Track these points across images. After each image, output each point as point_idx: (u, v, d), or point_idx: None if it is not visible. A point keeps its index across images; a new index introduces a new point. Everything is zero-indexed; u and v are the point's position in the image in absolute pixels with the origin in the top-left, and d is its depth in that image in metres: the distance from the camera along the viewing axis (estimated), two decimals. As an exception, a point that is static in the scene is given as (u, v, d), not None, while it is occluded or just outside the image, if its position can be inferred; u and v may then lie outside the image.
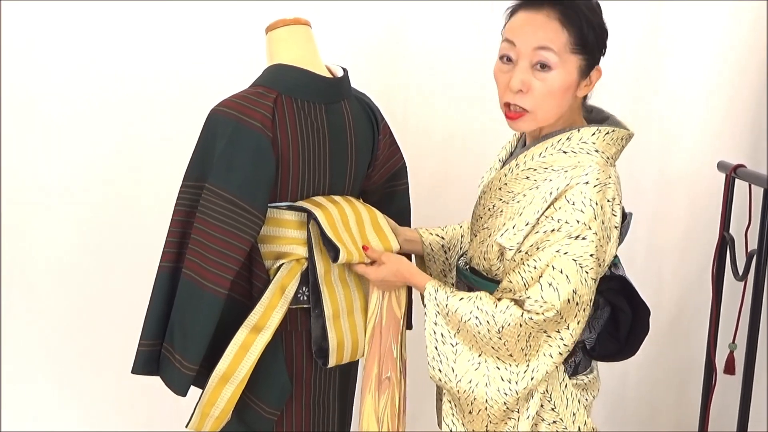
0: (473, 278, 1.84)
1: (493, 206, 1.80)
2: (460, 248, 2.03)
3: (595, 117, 1.82)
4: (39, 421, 2.54)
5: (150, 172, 2.47)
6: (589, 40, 1.67)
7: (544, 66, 1.66)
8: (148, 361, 1.81)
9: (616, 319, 1.81)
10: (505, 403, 1.70)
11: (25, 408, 2.53)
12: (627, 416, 3.03)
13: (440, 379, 1.75)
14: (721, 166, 2.59)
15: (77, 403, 2.57)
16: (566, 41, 1.66)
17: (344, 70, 1.90)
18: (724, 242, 2.55)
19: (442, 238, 2.03)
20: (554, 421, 1.76)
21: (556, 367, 1.71)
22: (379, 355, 1.88)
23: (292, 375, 1.87)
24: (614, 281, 1.79)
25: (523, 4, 1.70)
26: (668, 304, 2.96)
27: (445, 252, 2.03)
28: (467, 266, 1.89)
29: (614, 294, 1.79)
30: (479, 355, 1.70)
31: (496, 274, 1.78)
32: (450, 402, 1.78)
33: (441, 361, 1.73)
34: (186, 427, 1.83)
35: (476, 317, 1.68)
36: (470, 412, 1.74)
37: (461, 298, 1.71)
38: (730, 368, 2.59)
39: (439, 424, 1.88)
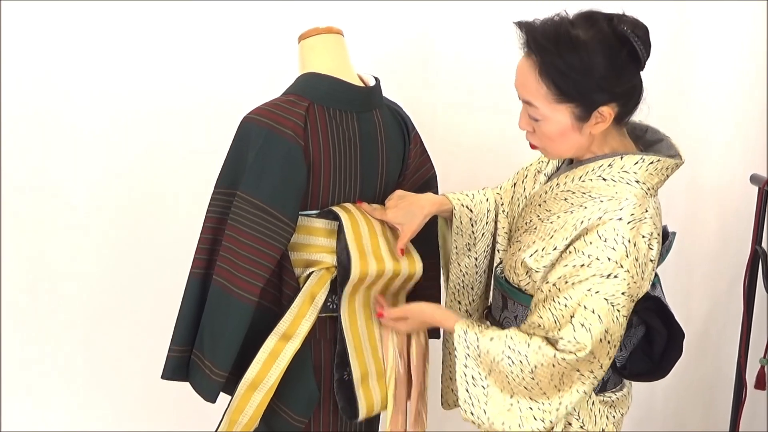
0: (507, 286, 1.83)
1: (530, 221, 1.79)
2: (486, 222, 1.99)
3: (649, 138, 1.78)
4: (39, 421, 2.54)
5: (171, 175, 2.47)
6: (570, 92, 1.60)
7: (534, 118, 1.67)
8: (178, 367, 1.82)
9: (651, 339, 1.79)
10: None
11: (25, 408, 2.53)
12: (655, 428, 3.01)
13: (473, 422, 1.73)
14: (753, 179, 2.57)
15: (84, 403, 2.58)
16: (545, 94, 1.62)
17: (376, 79, 1.90)
18: (756, 256, 2.53)
19: (471, 210, 1.98)
20: None
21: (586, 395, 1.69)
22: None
23: (320, 382, 1.87)
24: (650, 301, 1.76)
25: (521, 44, 1.66)
26: (698, 318, 2.94)
27: (473, 225, 1.99)
28: (502, 275, 1.88)
29: (649, 314, 1.77)
30: (511, 397, 1.68)
31: (525, 288, 1.77)
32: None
33: (473, 404, 1.71)
34: (214, 433, 1.84)
35: (509, 357, 1.66)
36: None
37: (491, 338, 1.69)
38: (760, 383, 2.56)
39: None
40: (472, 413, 1.71)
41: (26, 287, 2.45)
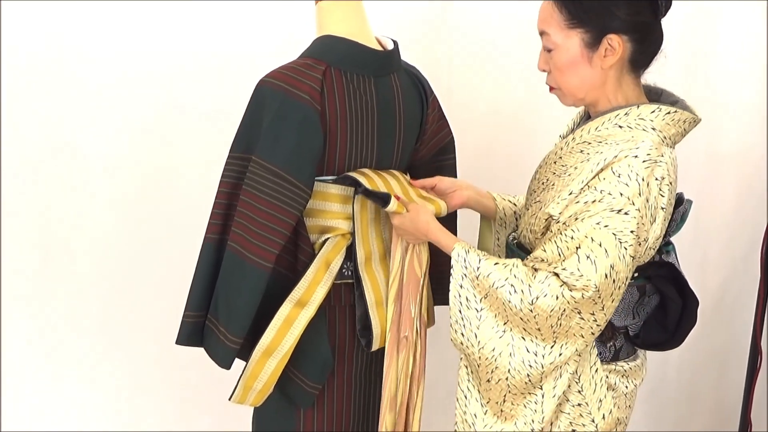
0: (519, 253, 1.81)
1: (547, 180, 1.78)
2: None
3: (664, 100, 1.78)
4: (39, 421, 2.54)
5: (187, 139, 2.45)
6: (579, 15, 1.67)
7: (547, 48, 1.72)
8: (192, 333, 1.81)
9: (665, 307, 1.78)
10: (528, 375, 1.67)
11: (25, 407, 2.52)
12: (668, 397, 3.01)
13: (462, 343, 1.72)
14: (772, 146, 2.55)
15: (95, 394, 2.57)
16: (558, 19, 1.69)
17: (394, 42, 1.87)
18: (774, 224, 2.51)
19: (515, 204, 2.01)
20: (579, 404, 1.73)
21: (587, 346, 1.68)
22: (400, 313, 1.87)
23: (334, 350, 1.86)
24: (664, 268, 1.75)
25: None
26: (713, 286, 2.93)
27: (517, 219, 2.00)
28: (515, 241, 1.87)
29: (663, 281, 1.75)
30: (504, 323, 1.67)
31: None
32: (467, 367, 1.76)
33: (464, 326, 1.71)
34: (229, 400, 1.83)
35: (511, 284, 1.64)
36: (488, 381, 1.71)
37: (495, 263, 1.68)
38: (775, 352, 2.56)
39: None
40: (462, 334, 1.71)
41: (34, 253, 2.44)
